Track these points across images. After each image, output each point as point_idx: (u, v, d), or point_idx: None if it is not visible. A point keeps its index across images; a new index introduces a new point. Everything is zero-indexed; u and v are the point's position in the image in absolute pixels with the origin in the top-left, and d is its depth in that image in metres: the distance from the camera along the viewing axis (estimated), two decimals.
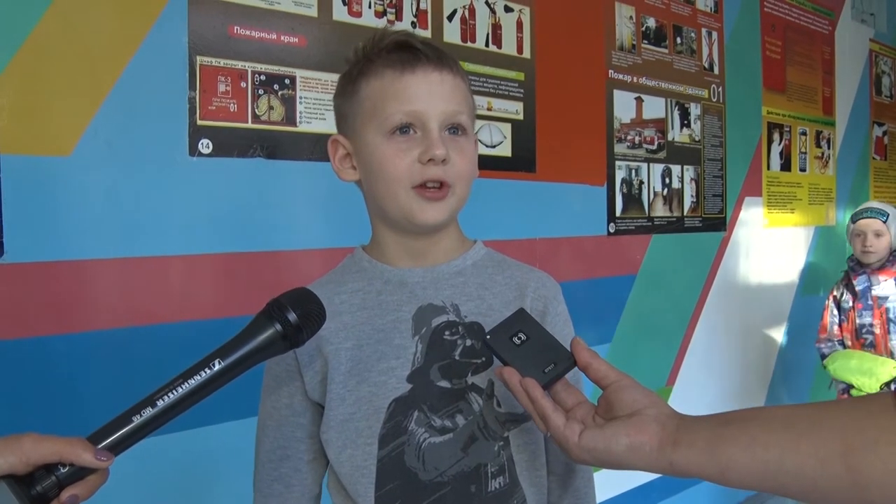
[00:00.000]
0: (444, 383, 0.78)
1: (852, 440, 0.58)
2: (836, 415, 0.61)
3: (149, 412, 0.63)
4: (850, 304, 2.63)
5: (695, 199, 2.70)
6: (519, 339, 0.73)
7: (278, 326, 0.68)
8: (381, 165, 0.78)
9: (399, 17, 1.80)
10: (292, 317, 0.68)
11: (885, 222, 2.60)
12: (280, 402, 0.84)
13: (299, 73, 1.61)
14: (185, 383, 0.64)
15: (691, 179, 2.69)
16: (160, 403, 0.63)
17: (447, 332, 0.80)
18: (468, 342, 0.80)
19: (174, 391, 0.64)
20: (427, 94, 0.78)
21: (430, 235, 0.82)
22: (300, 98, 1.61)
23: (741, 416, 0.65)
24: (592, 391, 0.75)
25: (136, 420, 0.63)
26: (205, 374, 0.65)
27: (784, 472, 0.60)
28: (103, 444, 0.62)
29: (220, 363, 0.66)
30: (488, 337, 0.74)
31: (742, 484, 0.63)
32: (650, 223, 2.53)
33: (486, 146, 1.99)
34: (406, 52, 0.79)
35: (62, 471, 0.60)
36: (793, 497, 0.63)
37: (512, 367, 0.72)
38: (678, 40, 2.64)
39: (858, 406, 0.62)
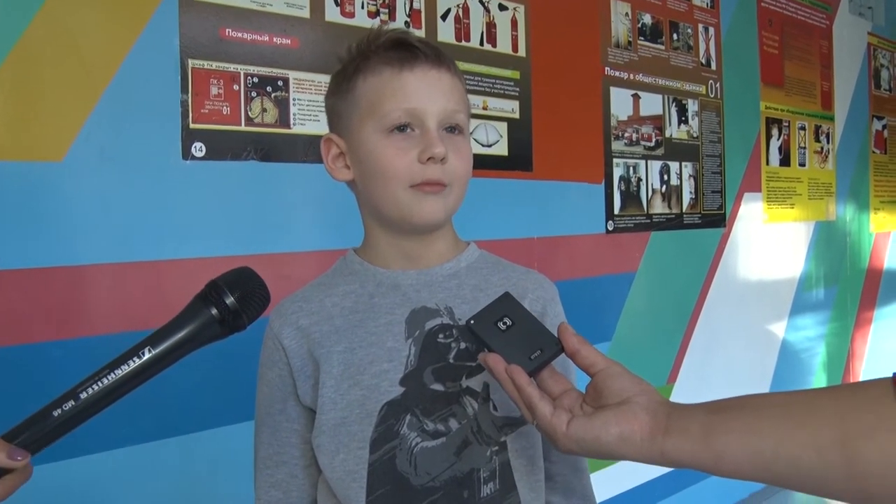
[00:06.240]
0: (438, 386, 0.77)
1: (849, 427, 0.56)
2: (833, 401, 0.59)
3: (70, 406, 0.59)
4: None
5: (693, 196, 2.69)
6: (504, 324, 0.70)
7: (214, 311, 0.63)
8: (378, 164, 0.77)
9: (392, 16, 1.79)
10: (230, 300, 0.63)
11: None
12: (273, 409, 0.83)
13: (292, 75, 1.60)
14: (112, 374, 0.60)
15: (690, 176, 2.67)
16: (83, 396, 0.59)
17: (441, 336, 0.78)
18: (462, 345, 0.78)
19: (99, 383, 0.59)
20: (426, 92, 0.77)
21: (424, 236, 0.81)
22: (293, 100, 1.59)
23: (735, 404, 0.63)
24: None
25: (57, 414, 0.58)
26: (133, 363, 0.60)
27: (779, 460, 0.58)
28: (19, 440, 0.58)
29: (150, 351, 0.61)
30: (472, 322, 0.71)
31: (736, 473, 0.61)
32: (649, 220, 2.52)
33: (482, 145, 1.98)
34: (404, 50, 0.78)
35: None
36: (788, 487, 0.60)
37: (497, 354, 0.69)
38: (675, 36, 2.63)
39: (857, 392, 0.59)
